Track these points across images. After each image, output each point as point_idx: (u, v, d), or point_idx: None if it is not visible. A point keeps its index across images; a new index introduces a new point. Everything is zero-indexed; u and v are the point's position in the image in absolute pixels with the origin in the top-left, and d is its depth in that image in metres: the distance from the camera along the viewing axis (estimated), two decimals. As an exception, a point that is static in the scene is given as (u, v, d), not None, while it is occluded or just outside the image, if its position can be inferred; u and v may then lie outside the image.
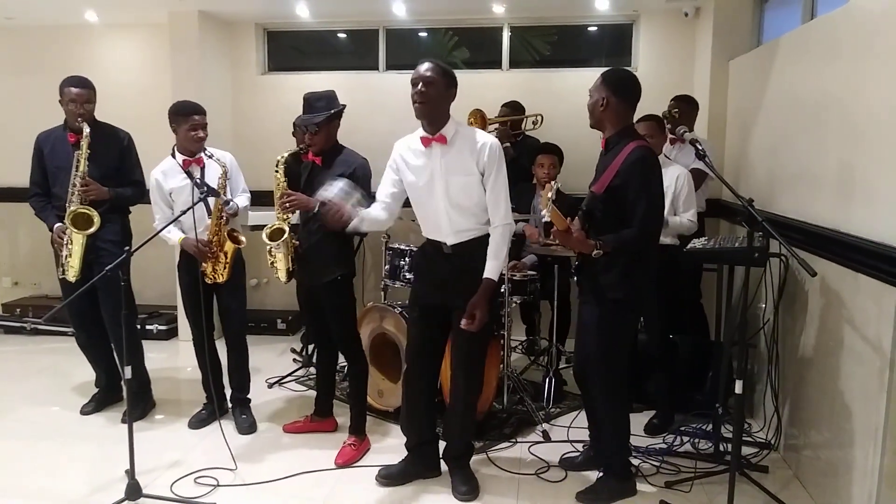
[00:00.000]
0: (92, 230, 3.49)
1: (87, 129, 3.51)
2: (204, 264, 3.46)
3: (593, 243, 2.72)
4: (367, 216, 2.92)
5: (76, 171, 3.49)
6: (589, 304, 2.90)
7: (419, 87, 2.75)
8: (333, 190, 2.82)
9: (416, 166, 2.89)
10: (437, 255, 2.94)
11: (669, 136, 3.81)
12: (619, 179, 2.73)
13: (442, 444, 3.17)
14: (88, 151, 3.51)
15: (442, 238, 2.89)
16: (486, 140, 2.81)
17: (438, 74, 2.76)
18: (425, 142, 2.83)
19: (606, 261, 2.73)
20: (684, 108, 4.10)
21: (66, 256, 3.53)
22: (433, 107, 2.77)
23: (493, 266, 2.81)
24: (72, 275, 3.53)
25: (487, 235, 2.85)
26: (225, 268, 3.49)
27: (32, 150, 3.74)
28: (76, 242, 3.50)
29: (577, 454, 3.29)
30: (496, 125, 4.78)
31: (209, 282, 3.48)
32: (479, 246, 2.84)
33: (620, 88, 2.80)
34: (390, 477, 3.12)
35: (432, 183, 2.84)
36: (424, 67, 2.77)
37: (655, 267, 2.90)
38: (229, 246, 3.48)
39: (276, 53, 5.85)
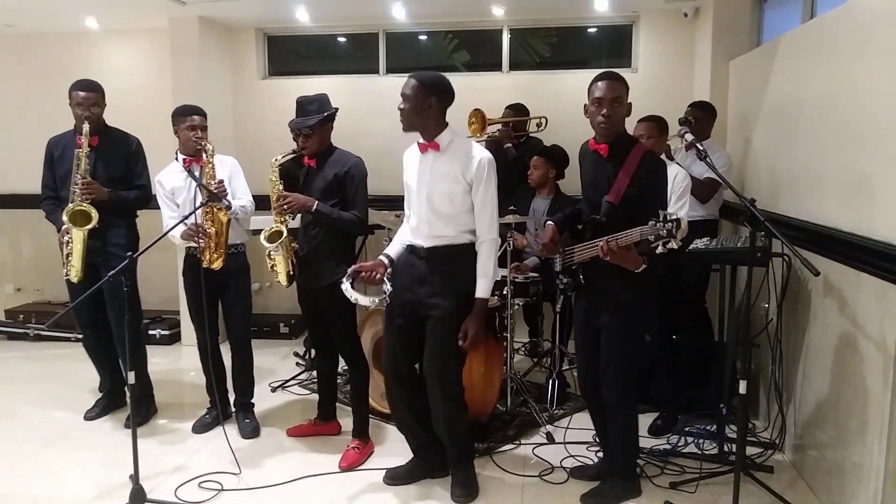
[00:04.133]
0: (90, 226, 3.48)
1: (86, 128, 3.51)
2: (201, 254, 3.43)
3: (640, 258, 2.64)
4: (398, 252, 3.04)
5: (76, 171, 3.51)
6: (598, 311, 2.86)
7: (399, 102, 2.86)
8: (353, 297, 2.90)
9: (411, 170, 2.98)
10: (413, 259, 2.98)
11: (685, 143, 3.78)
12: (635, 188, 2.69)
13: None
14: (89, 150, 3.52)
15: (420, 241, 2.94)
16: (480, 154, 2.86)
17: (414, 90, 2.82)
18: (421, 147, 2.93)
19: (619, 267, 2.67)
20: (700, 114, 4.01)
21: (68, 255, 3.54)
22: (412, 120, 2.86)
23: (484, 285, 2.85)
24: (73, 274, 3.54)
25: (464, 244, 2.89)
26: (217, 248, 3.43)
27: (44, 154, 3.76)
28: (76, 241, 3.50)
29: (590, 464, 3.25)
30: (497, 125, 4.78)
31: (205, 265, 3.44)
32: (454, 252, 2.89)
33: (626, 87, 2.77)
34: (397, 477, 3.15)
35: (421, 186, 2.90)
36: (405, 83, 2.85)
37: (660, 269, 2.88)
38: (221, 217, 3.41)
39: (276, 58, 5.86)
